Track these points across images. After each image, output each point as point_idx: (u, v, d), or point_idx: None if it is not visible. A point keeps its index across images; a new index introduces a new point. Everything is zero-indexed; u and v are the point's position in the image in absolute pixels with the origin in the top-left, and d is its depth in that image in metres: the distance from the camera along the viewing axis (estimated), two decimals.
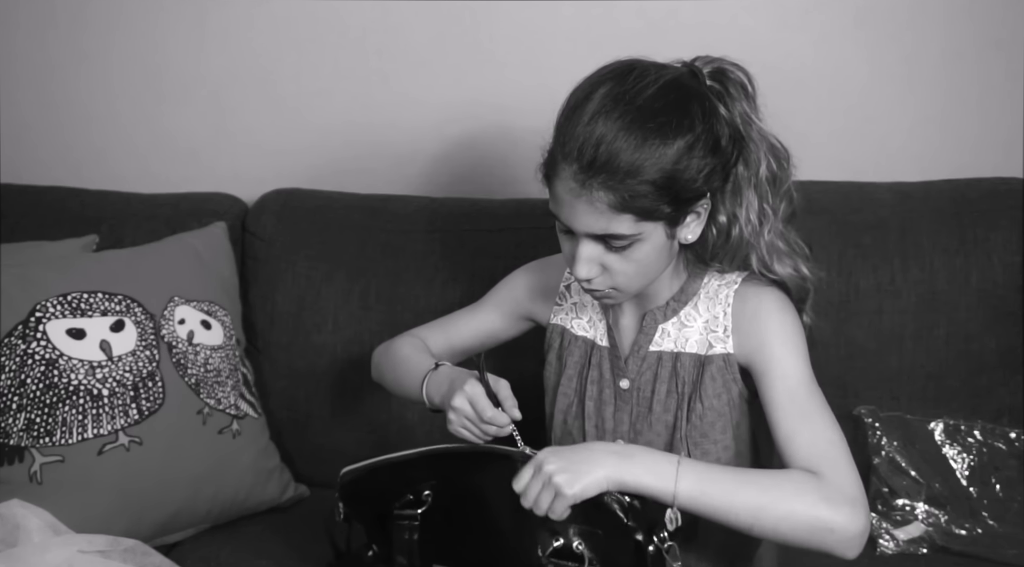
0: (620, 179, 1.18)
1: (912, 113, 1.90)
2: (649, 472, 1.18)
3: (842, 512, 1.17)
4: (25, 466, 1.51)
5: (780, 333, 1.30)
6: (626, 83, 1.21)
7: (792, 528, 1.17)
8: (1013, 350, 1.69)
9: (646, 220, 1.22)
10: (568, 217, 1.23)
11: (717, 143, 1.24)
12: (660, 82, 1.22)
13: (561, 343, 1.44)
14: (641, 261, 1.25)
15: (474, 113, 1.96)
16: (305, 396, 1.82)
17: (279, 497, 1.73)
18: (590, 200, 1.20)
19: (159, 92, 2.02)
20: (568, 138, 1.21)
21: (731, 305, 1.33)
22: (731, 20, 1.88)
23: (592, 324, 1.42)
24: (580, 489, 1.17)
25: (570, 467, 1.18)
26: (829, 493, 1.18)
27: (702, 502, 1.18)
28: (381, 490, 1.30)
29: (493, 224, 1.81)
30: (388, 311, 1.78)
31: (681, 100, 1.22)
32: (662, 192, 1.20)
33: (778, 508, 1.17)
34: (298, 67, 1.99)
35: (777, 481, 1.20)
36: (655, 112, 1.20)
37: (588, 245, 1.24)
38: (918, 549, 1.58)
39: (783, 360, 1.28)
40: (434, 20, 1.93)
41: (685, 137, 1.20)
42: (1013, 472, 1.62)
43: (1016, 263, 1.68)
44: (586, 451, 1.21)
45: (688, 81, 1.26)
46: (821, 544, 1.17)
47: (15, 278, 1.59)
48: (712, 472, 1.21)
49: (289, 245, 1.84)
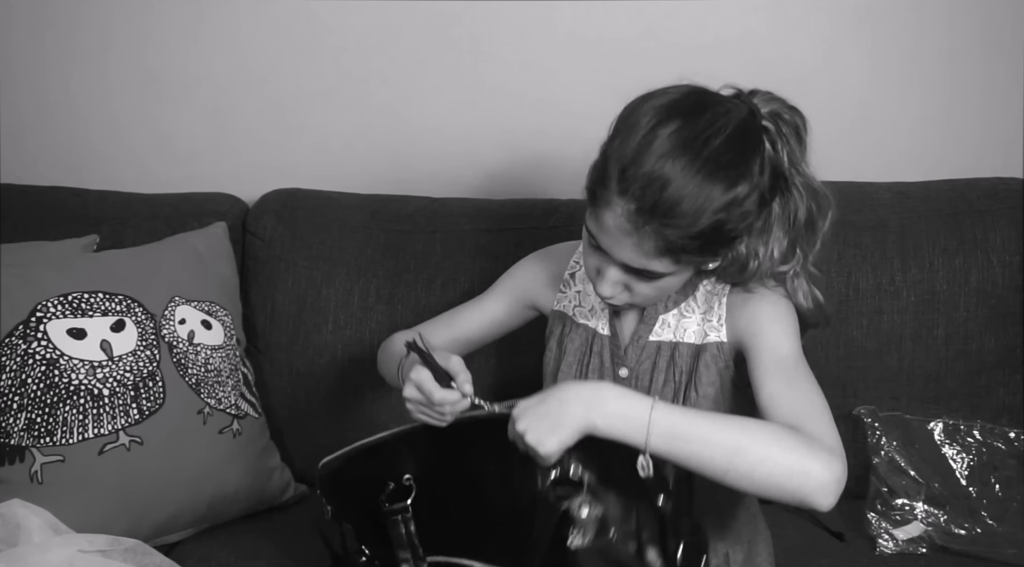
0: (675, 227, 1.20)
1: (912, 113, 1.90)
2: (622, 418, 1.16)
3: (820, 457, 1.14)
4: (26, 466, 1.51)
5: (771, 312, 1.33)
6: (697, 126, 1.20)
7: (768, 473, 1.14)
8: (1012, 350, 1.69)
9: (685, 264, 1.26)
10: (609, 246, 1.25)
11: (762, 191, 1.25)
12: (728, 129, 1.21)
13: (563, 330, 1.46)
14: (664, 288, 1.30)
15: (474, 113, 1.96)
16: (305, 396, 1.82)
17: (279, 497, 1.73)
18: (639, 240, 1.22)
19: (159, 92, 2.02)
20: (630, 174, 1.19)
21: (727, 296, 1.36)
22: (731, 20, 1.88)
23: (594, 313, 1.44)
24: (553, 446, 1.17)
25: (540, 424, 1.17)
26: (806, 440, 1.16)
27: (675, 447, 1.16)
28: (362, 479, 1.30)
29: (493, 224, 1.81)
30: (388, 311, 1.78)
31: (746, 152, 1.23)
32: (708, 240, 1.23)
33: (755, 451, 1.15)
34: (298, 67, 1.99)
35: (754, 426, 1.18)
36: (722, 165, 1.20)
37: (619, 271, 1.27)
38: (917, 549, 1.58)
39: (771, 334, 1.30)
40: (434, 20, 1.93)
41: (739, 186, 1.21)
42: (1012, 472, 1.62)
43: (1016, 263, 1.68)
44: (557, 402, 1.18)
45: (750, 126, 1.25)
46: (797, 490, 1.14)
47: (16, 278, 1.59)
48: (687, 415, 1.18)
49: (289, 245, 1.84)
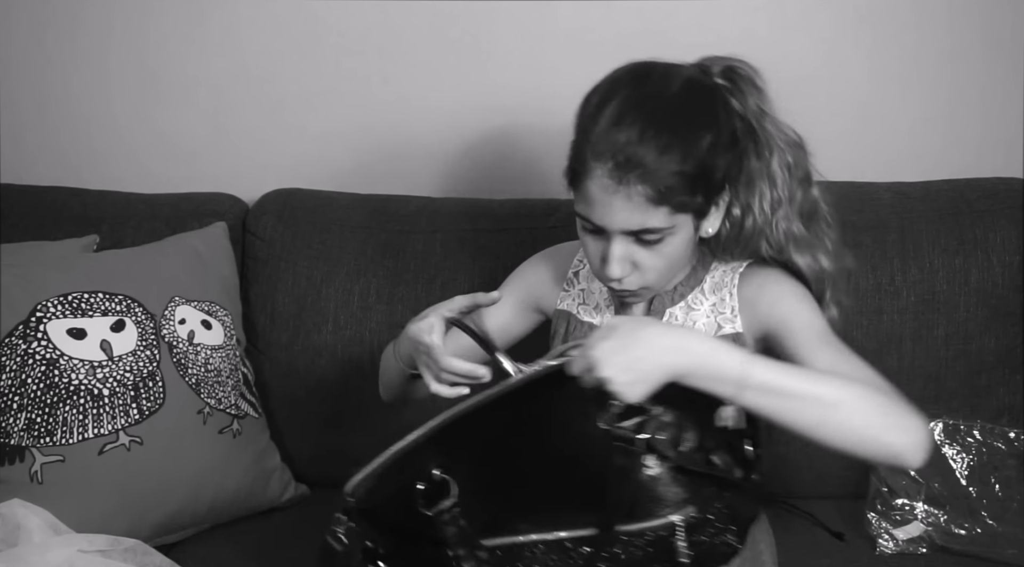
0: (657, 171, 1.21)
1: (912, 113, 1.90)
2: (714, 369, 1.11)
3: (911, 415, 1.14)
4: (26, 466, 1.51)
5: (792, 292, 1.33)
6: (647, 84, 1.26)
7: (861, 428, 1.12)
8: (1012, 350, 1.69)
9: (679, 212, 1.25)
10: (602, 216, 1.25)
11: (734, 136, 1.28)
12: (680, 81, 1.26)
13: (567, 328, 1.45)
14: (671, 255, 1.28)
15: (474, 113, 1.96)
16: (305, 396, 1.82)
17: (279, 497, 1.73)
18: (628, 195, 1.22)
19: (159, 92, 2.02)
20: (599, 139, 1.23)
21: (736, 286, 1.36)
22: (731, 20, 1.88)
23: (599, 310, 1.44)
24: (639, 395, 1.09)
25: (626, 372, 1.08)
26: (896, 399, 1.15)
27: (766, 401, 1.11)
28: (392, 494, 1.17)
29: (493, 224, 1.81)
30: (388, 311, 1.78)
31: (702, 96, 1.27)
32: (695, 183, 1.23)
33: (849, 407, 1.12)
34: (298, 67, 1.99)
35: (846, 382, 1.15)
36: (681, 108, 1.24)
37: (621, 243, 1.26)
38: (917, 549, 1.58)
39: (803, 313, 1.31)
40: (434, 21, 1.93)
41: (711, 130, 1.25)
42: (1012, 472, 1.62)
43: (1016, 263, 1.68)
44: (644, 349, 1.10)
45: (701, 79, 1.30)
46: (891, 446, 1.13)
47: (16, 278, 1.59)
48: (780, 370, 1.13)
49: (289, 245, 1.84)
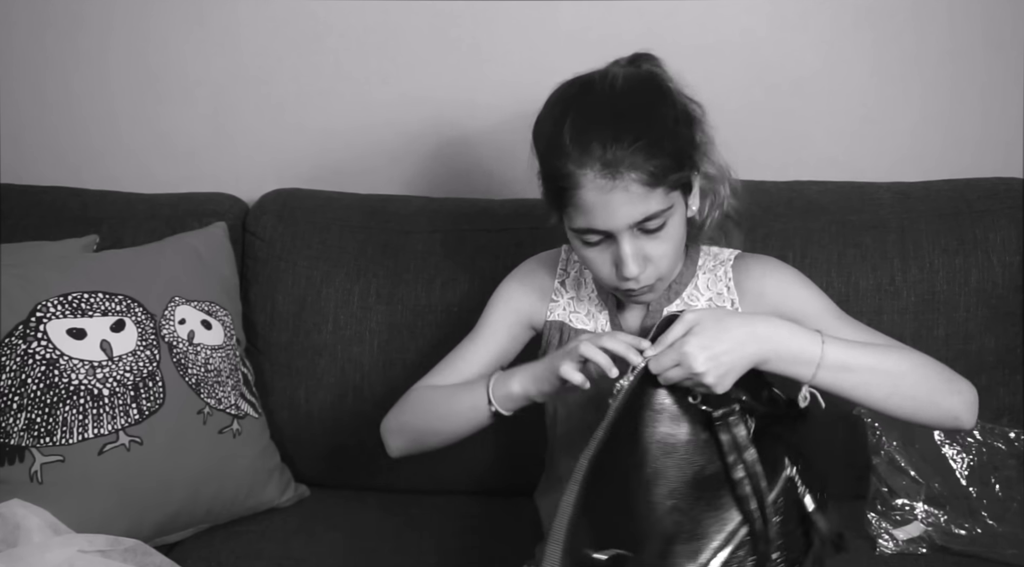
0: (642, 157, 1.23)
1: (912, 113, 1.90)
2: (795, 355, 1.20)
3: (962, 379, 1.26)
4: (25, 466, 1.51)
5: (797, 281, 1.37)
6: (594, 90, 1.29)
7: (928, 393, 1.24)
8: (1012, 350, 1.69)
9: (673, 189, 1.27)
10: (605, 218, 1.26)
11: (687, 111, 1.32)
12: (620, 78, 1.29)
13: (561, 338, 1.44)
14: (674, 237, 1.30)
15: (474, 113, 1.96)
16: (305, 396, 1.82)
17: (279, 497, 1.73)
18: (624, 188, 1.23)
19: (159, 92, 2.02)
20: (574, 150, 1.24)
21: (732, 279, 1.38)
22: (731, 20, 1.88)
23: (591, 316, 1.43)
24: (729, 386, 1.18)
25: (719, 366, 1.16)
26: (942, 364, 1.26)
27: (840, 378, 1.21)
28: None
29: (493, 224, 1.81)
30: (388, 311, 1.78)
31: (646, 83, 1.31)
32: (678, 157, 1.27)
33: (914, 375, 1.23)
34: (298, 67, 1.99)
35: (907, 352, 1.26)
36: (635, 98, 1.28)
37: (630, 240, 1.27)
38: (917, 549, 1.58)
39: (812, 300, 1.36)
40: (434, 20, 1.93)
41: (668, 106, 1.29)
42: (1012, 472, 1.62)
43: (1016, 263, 1.68)
44: (729, 337, 1.17)
45: (638, 71, 1.33)
46: (951, 409, 1.24)
47: (15, 278, 1.59)
48: (852, 348, 1.23)
49: (289, 245, 1.84)
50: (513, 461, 1.75)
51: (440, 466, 1.75)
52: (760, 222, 1.71)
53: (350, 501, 1.77)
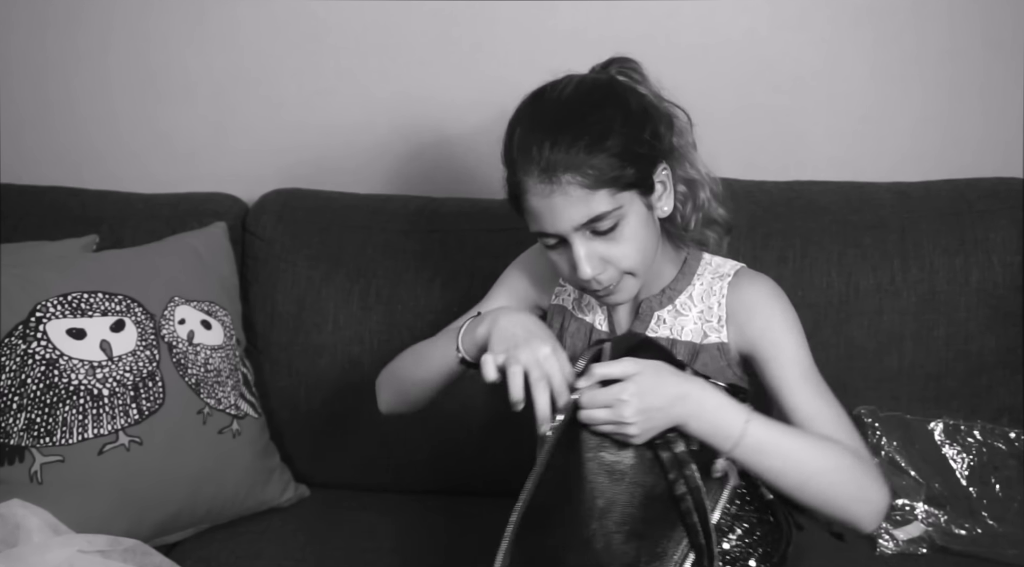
0: (580, 159, 1.24)
1: (912, 113, 1.90)
2: (716, 425, 1.21)
3: (878, 487, 1.26)
4: (25, 466, 1.51)
5: (782, 321, 1.35)
6: (543, 99, 1.30)
7: (835, 496, 1.25)
8: (1013, 350, 1.69)
9: (620, 190, 1.26)
10: (552, 221, 1.27)
11: (646, 111, 1.31)
12: (572, 84, 1.30)
13: (562, 324, 1.46)
14: (632, 239, 1.29)
15: (474, 113, 1.95)
16: (305, 396, 1.82)
17: (279, 497, 1.73)
18: (563, 191, 1.24)
19: (159, 92, 2.02)
20: (519, 157, 1.27)
21: (725, 296, 1.37)
22: (731, 20, 1.88)
23: (591, 308, 1.45)
24: (646, 439, 1.21)
25: (648, 417, 1.19)
26: (867, 467, 1.27)
27: (756, 460, 1.23)
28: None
29: (493, 224, 1.81)
30: (388, 311, 1.78)
31: (598, 86, 1.31)
32: (622, 158, 1.26)
33: (828, 475, 1.24)
34: (298, 67, 1.99)
35: (829, 449, 1.25)
36: (580, 103, 1.28)
37: (581, 242, 1.27)
38: (918, 549, 1.58)
39: (788, 347, 1.34)
40: (434, 20, 1.93)
41: (619, 107, 1.28)
42: (1013, 472, 1.62)
43: (1016, 263, 1.68)
44: (660, 396, 1.20)
45: (597, 76, 1.34)
46: (855, 514, 1.26)
47: (15, 278, 1.59)
48: (775, 432, 1.24)
49: (289, 245, 1.84)
50: (513, 462, 1.74)
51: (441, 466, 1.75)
52: (760, 222, 1.71)
53: (350, 501, 1.77)
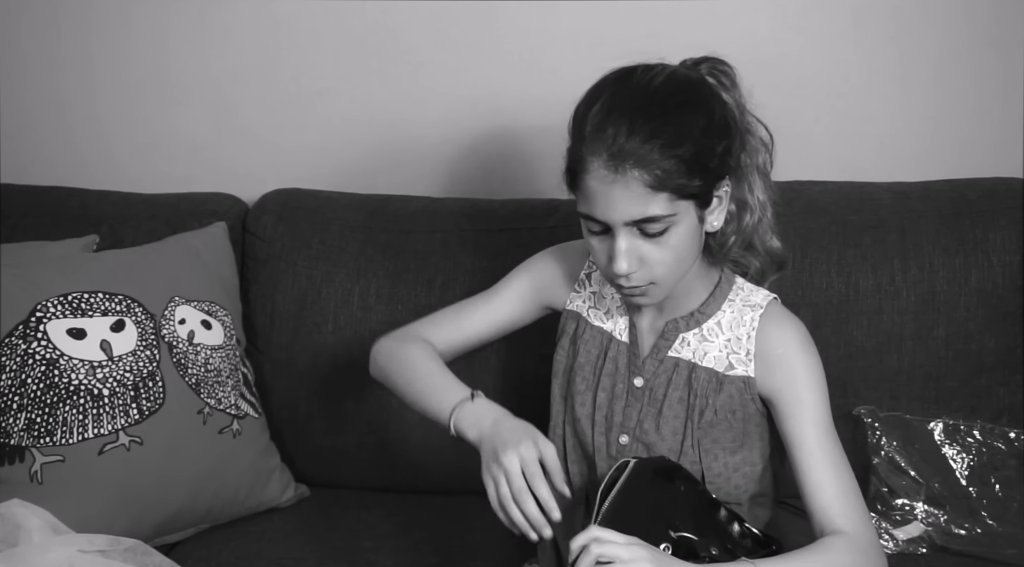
0: (652, 157, 1.21)
1: (911, 113, 1.90)
2: None
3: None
4: (25, 466, 1.51)
5: (806, 377, 1.33)
6: (631, 81, 1.27)
7: None
8: (1012, 350, 1.69)
9: (680, 198, 1.24)
10: (604, 209, 1.24)
11: (726, 123, 1.28)
12: (663, 75, 1.27)
13: (576, 330, 1.44)
14: (677, 248, 1.27)
15: (474, 113, 1.96)
16: (305, 396, 1.82)
17: (279, 497, 1.73)
18: (625, 184, 1.22)
19: (160, 92, 2.02)
20: (591, 136, 1.24)
21: (755, 330, 1.35)
22: (731, 20, 1.88)
23: (611, 317, 1.42)
24: None
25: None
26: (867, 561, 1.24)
27: None
28: None
29: (493, 224, 1.81)
30: (388, 311, 1.78)
31: (689, 85, 1.28)
32: (691, 167, 1.23)
33: None
34: (299, 67, 1.99)
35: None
36: (667, 96, 1.25)
37: (626, 237, 1.25)
38: (917, 549, 1.58)
39: (809, 405, 1.32)
40: (434, 20, 1.93)
41: (702, 113, 1.26)
42: (1012, 472, 1.62)
43: (1016, 263, 1.68)
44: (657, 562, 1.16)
45: (686, 72, 1.31)
46: None
47: (15, 278, 1.59)
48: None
49: (289, 245, 1.84)
50: None
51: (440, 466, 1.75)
52: None
53: (350, 501, 1.77)
